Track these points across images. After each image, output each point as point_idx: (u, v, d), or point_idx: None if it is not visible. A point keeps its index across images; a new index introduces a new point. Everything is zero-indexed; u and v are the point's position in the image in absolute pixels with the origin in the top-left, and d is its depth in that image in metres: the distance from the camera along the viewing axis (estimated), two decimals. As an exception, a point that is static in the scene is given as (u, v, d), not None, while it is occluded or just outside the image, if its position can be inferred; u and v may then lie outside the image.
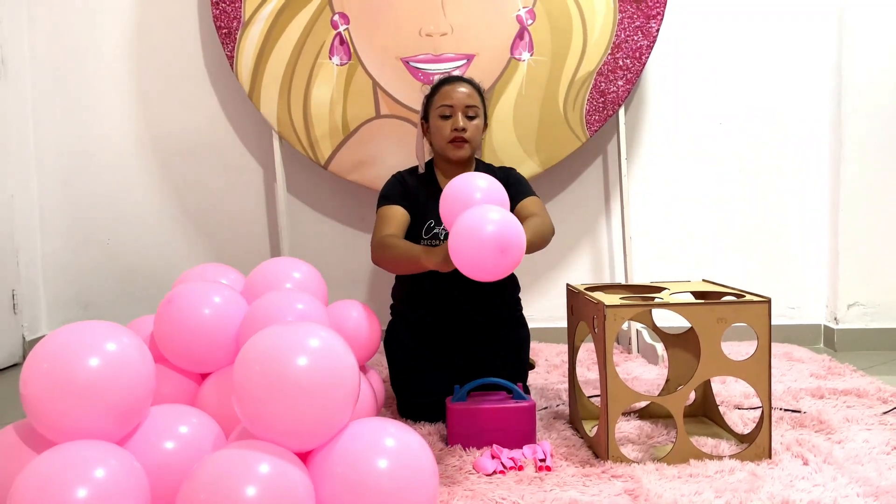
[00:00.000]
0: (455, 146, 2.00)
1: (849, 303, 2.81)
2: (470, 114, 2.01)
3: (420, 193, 2.06)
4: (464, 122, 1.99)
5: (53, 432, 1.21)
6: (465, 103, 2.00)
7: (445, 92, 2.02)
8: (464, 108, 2.00)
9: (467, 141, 2.00)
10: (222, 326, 1.63)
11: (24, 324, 2.88)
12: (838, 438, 1.76)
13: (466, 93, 2.01)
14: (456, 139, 1.99)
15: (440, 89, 2.04)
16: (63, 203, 2.99)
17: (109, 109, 2.95)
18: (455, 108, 2.00)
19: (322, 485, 1.19)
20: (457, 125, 1.99)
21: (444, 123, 2.01)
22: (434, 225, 2.04)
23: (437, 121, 2.02)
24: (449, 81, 2.05)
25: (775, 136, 2.87)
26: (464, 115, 2.00)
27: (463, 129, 1.99)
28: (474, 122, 2.01)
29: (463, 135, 1.99)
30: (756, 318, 1.65)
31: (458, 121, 1.99)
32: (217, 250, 2.98)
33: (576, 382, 1.92)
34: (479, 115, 2.03)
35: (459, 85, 2.02)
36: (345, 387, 1.22)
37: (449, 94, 2.01)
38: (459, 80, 2.05)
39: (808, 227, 2.89)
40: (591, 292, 1.82)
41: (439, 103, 2.02)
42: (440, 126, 2.02)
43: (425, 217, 2.04)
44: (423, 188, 2.07)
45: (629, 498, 1.46)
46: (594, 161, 2.91)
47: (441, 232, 2.03)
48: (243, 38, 2.68)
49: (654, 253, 2.90)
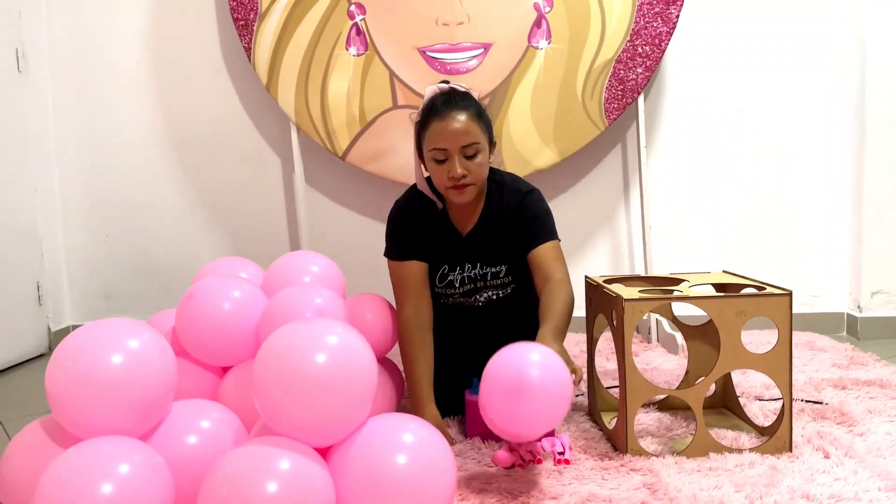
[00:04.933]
0: (457, 192, 1.72)
1: (872, 291, 2.77)
2: (469, 153, 1.68)
3: (431, 235, 1.84)
4: (462, 167, 1.68)
5: (78, 428, 1.24)
6: (460, 144, 1.67)
7: (436, 131, 1.68)
8: (460, 149, 1.68)
9: (470, 184, 1.72)
10: (242, 321, 1.64)
11: (48, 315, 2.93)
12: (860, 431, 1.75)
13: (461, 129, 1.66)
14: (456, 186, 1.72)
15: (430, 124, 1.70)
16: (84, 195, 3.02)
17: (128, 102, 2.97)
18: (450, 152, 1.68)
19: (341, 480, 1.20)
20: (454, 173, 1.68)
21: (440, 168, 1.70)
22: (448, 271, 1.86)
23: (432, 163, 1.72)
24: (439, 113, 1.69)
25: (797, 122, 2.83)
26: (462, 155, 1.68)
27: (463, 175, 1.69)
28: (476, 161, 1.69)
29: (464, 181, 1.70)
30: (777, 311, 1.63)
31: (455, 168, 1.68)
32: (236, 241, 3.00)
33: (594, 375, 1.92)
34: (482, 146, 1.70)
35: (452, 119, 1.67)
36: (363, 383, 1.23)
37: (440, 136, 1.67)
38: (452, 108, 1.68)
39: (830, 214, 2.85)
40: (609, 285, 1.81)
41: (430, 145, 1.70)
42: (436, 170, 1.72)
43: (439, 262, 1.86)
44: (436, 229, 1.83)
45: (648, 492, 1.46)
46: (613, 150, 2.89)
47: (455, 279, 1.86)
48: (260, 30, 2.68)
49: (674, 242, 2.88)
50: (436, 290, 1.91)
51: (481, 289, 1.89)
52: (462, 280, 1.88)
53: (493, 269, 1.87)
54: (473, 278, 1.88)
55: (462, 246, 1.86)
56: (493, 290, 1.90)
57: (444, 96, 1.72)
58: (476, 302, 1.92)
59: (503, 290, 1.91)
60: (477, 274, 1.87)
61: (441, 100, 1.72)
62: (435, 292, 1.91)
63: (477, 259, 1.86)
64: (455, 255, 1.86)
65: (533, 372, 1.37)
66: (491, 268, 1.87)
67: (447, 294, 1.90)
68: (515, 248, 1.82)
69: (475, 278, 1.88)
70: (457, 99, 1.71)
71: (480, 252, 1.86)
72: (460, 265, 1.87)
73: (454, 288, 1.89)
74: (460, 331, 1.92)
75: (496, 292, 1.91)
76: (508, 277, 1.89)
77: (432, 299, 1.89)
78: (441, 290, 1.90)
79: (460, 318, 1.93)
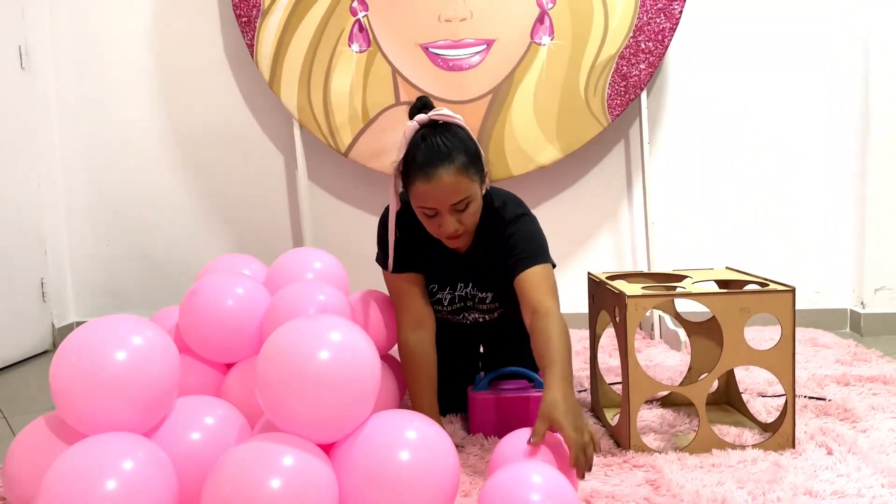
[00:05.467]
0: (450, 241, 1.63)
1: (876, 287, 2.77)
2: (460, 207, 1.55)
3: (426, 249, 1.73)
4: (454, 224, 1.56)
5: (82, 425, 1.24)
6: (449, 203, 1.53)
7: (422, 192, 1.53)
8: (449, 207, 1.54)
9: (464, 233, 1.62)
10: (245, 317, 1.65)
11: (52, 311, 2.94)
12: (863, 427, 1.75)
13: (450, 189, 1.52)
14: (449, 237, 1.61)
15: (414, 181, 1.53)
16: (88, 192, 3.03)
17: (131, 99, 2.98)
18: (439, 210, 1.55)
19: (345, 476, 1.20)
20: (446, 230, 1.57)
21: (430, 222, 1.59)
22: (437, 290, 1.79)
23: (422, 216, 1.60)
24: (423, 171, 1.51)
25: (799, 118, 2.82)
26: (453, 210, 1.56)
27: (455, 230, 1.58)
28: (469, 211, 1.57)
29: (456, 234, 1.59)
30: (780, 308, 1.63)
31: (447, 225, 1.56)
32: (240, 237, 3.00)
33: (597, 371, 1.92)
34: (473, 195, 1.56)
35: (437, 179, 1.50)
36: (366, 380, 1.23)
37: (427, 197, 1.53)
38: (436, 164, 1.50)
39: (834, 210, 2.85)
40: (612, 281, 1.81)
41: (418, 203, 1.56)
42: (427, 221, 1.60)
43: (431, 279, 1.79)
44: (430, 245, 1.71)
45: (650, 488, 1.46)
46: (616, 146, 2.88)
47: (444, 298, 1.80)
48: (263, 27, 2.68)
49: (677, 238, 2.88)
50: None
51: (469, 308, 1.85)
52: (451, 299, 1.82)
53: (480, 294, 1.81)
54: (463, 297, 1.82)
55: (459, 264, 1.77)
56: (481, 314, 1.86)
57: (426, 144, 1.53)
58: (464, 320, 1.88)
59: (490, 315, 1.87)
60: (467, 293, 1.81)
61: (424, 151, 1.52)
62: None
63: (470, 279, 1.79)
64: (449, 274, 1.79)
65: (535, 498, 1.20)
66: (479, 292, 1.81)
67: (434, 309, 1.81)
68: (503, 275, 1.70)
69: (465, 297, 1.82)
70: (440, 147, 1.52)
71: (476, 272, 1.78)
72: (451, 284, 1.80)
73: (442, 305, 1.82)
74: (448, 347, 1.86)
75: (484, 315, 1.87)
76: (496, 304, 1.83)
77: None
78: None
79: (448, 331, 1.89)
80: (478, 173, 1.57)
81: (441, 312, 1.85)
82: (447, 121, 1.56)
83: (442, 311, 1.85)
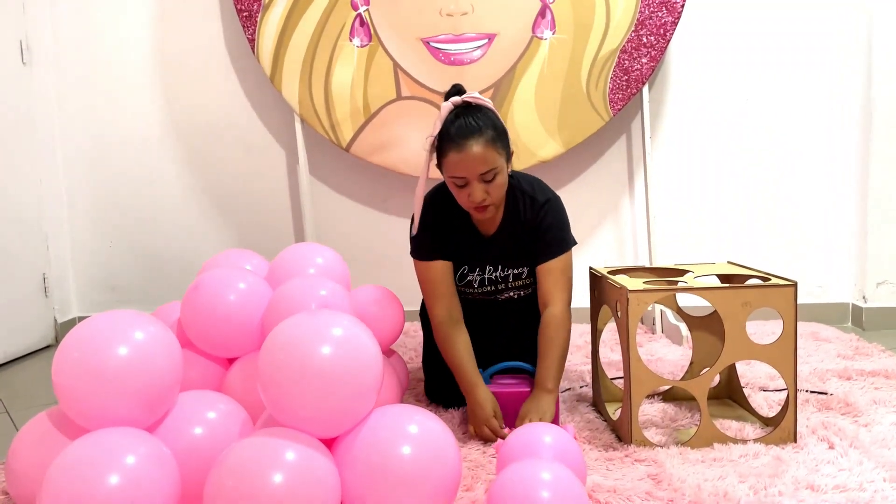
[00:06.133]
0: (478, 212, 1.75)
1: (878, 281, 2.77)
2: (488, 178, 1.69)
3: (457, 234, 1.86)
4: (482, 193, 1.69)
5: (85, 420, 1.24)
6: (478, 172, 1.67)
7: (454, 162, 1.68)
8: (479, 176, 1.68)
9: (490, 205, 1.74)
10: (247, 312, 1.65)
11: (55, 306, 2.94)
12: (865, 421, 1.75)
13: (479, 159, 1.66)
14: (477, 207, 1.74)
15: (447, 152, 1.69)
16: (90, 187, 3.03)
17: (132, 94, 2.97)
18: (469, 179, 1.69)
19: (347, 471, 1.21)
20: (474, 199, 1.70)
21: (460, 192, 1.72)
22: (468, 272, 1.89)
23: (452, 186, 1.74)
24: (455, 143, 1.67)
25: (802, 112, 2.81)
26: (482, 180, 1.69)
27: (482, 200, 1.71)
28: (496, 182, 1.70)
29: (484, 203, 1.71)
30: (782, 302, 1.63)
31: (475, 194, 1.69)
32: (241, 232, 3.01)
33: (599, 365, 1.93)
34: (500, 168, 1.70)
35: (468, 149, 1.65)
36: (368, 375, 1.23)
37: (458, 166, 1.68)
38: (468, 136, 1.66)
39: (836, 204, 2.84)
40: (613, 276, 1.81)
41: (449, 172, 1.71)
42: (457, 192, 1.74)
43: (461, 262, 1.89)
44: (462, 228, 1.85)
45: (652, 482, 1.46)
46: (617, 140, 2.88)
47: (475, 280, 1.89)
48: (264, 21, 2.67)
49: (679, 233, 2.88)
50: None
51: (502, 290, 1.91)
52: (482, 281, 1.89)
53: (515, 271, 1.89)
54: (494, 280, 1.89)
55: (485, 248, 1.87)
56: (515, 291, 1.92)
57: (459, 121, 1.69)
58: (496, 299, 1.93)
59: (524, 291, 1.93)
60: (498, 276, 1.89)
61: (456, 126, 1.68)
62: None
63: (499, 262, 1.88)
64: (477, 257, 1.88)
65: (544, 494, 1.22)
66: (513, 269, 1.89)
67: (465, 292, 1.91)
68: (533, 255, 1.86)
69: (496, 280, 1.89)
70: (472, 122, 1.68)
71: (503, 254, 1.87)
72: (481, 267, 1.89)
73: (473, 288, 1.91)
74: (477, 323, 1.91)
75: (517, 293, 1.92)
76: (530, 279, 1.90)
77: None
78: (460, 289, 1.91)
79: (478, 312, 1.93)
80: (504, 149, 1.72)
81: (472, 294, 1.92)
82: (478, 103, 1.73)
83: (473, 292, 1.91)
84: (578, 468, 1.35)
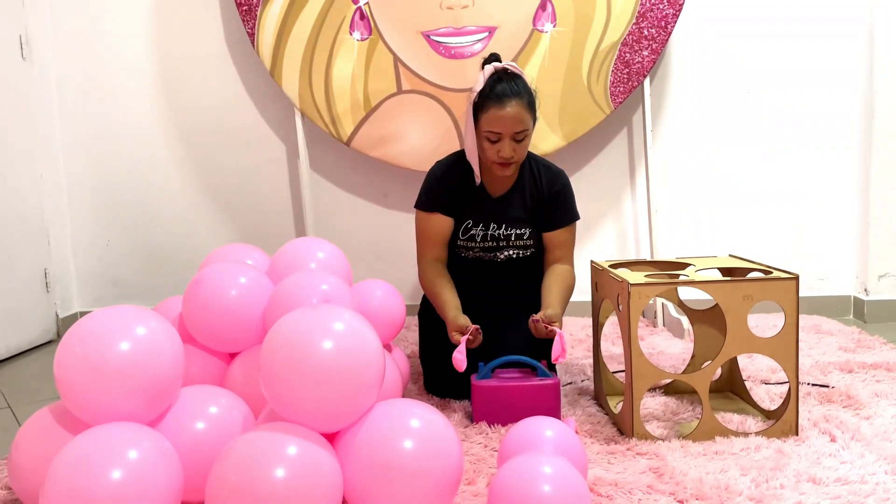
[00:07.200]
0: (501, 167, 1.91)
1: (880, 273, 2.77)
2: (519, 137, 1.87)
3: (463, 195, 2.00)
4: (511, 150, 1.87)
5: (87, 415, 1.24)
6: (513, 130, 1.85)
7: (492, 117, 1.85)
8: (512, 134, 1.86)
9: (515, 162, 1.92)
10: (248, 307, 1.65)
11: (56, 301, 2.94)
12: (867, 414, 1.75)
13: (516, 118, 1.84)
14: (503, 163, 1.90)
15: (488, 108, 1.86)
16: (90, 182, 3.03)
17: (133, 89, 2.97)
18: (503, 135, 1.86)
19: (349, 465, 1.21)
20: (504, 154, 1.87)
21: (491, 147, 1.89)
22: (472, 226, 2.00)
23: (484, 140, 1.90)
24: (497, 99, 1.85)
25: (804, 105, 2.81)
26: (512, 139, 1.87)
27: (510, 156, 1.88)
28: (523, 143, 1.89)
29: (510, 160, 1.89)
30: (783, 295, 1.63)
31: (505, 149, 1.87)
32: (242, 226, 3.00)
33: (600, 359, 1.93)
34: (529, 130, 1.89)
35: (508, 107, 1.84)
36: (370, 369, 1.23)
37: (496, 121, 1.85)
38: (509, 96, 1.85)
39: (837, 197, 2.84)
40: (615, 270, 1.81)
41: (486, 127, 1.87)
42: (486, 147, 1.90)
43: (464, 217, 2.00)
44: (469, 189, 2.00)
45: (654, 475, 1.47)
46: (619, 133, 2.87)
47: (478, 234, 2.00)
48: (264, 15, 2.67)
49: (680, 226, 2.88)
50: (457, 243, 2.02)
51: (503, 248, 2.01)
52: (484, 236, 2.00)
53: (517, 231, 2.00)
54: (496, 237, 2.00)
55: (491, 206, 1.99)
56: (515, 250, 2.01)
57: (501, 81, 1.87)
58: (496, 258, 2.02)
59: (524, 251, 2.02)
60: (501, 234, 2.00)
61: (500, 86, 1.86)
62: (456, 244, 2.02)
63: (503, 221, 1.99)
64: (482, 213, 2.00)
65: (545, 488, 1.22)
66: (516, 230, 2.00)
67: (468, 247, 2.01)
68: (539, 220, 2.01)
69: (498, 237, 2.00)
70: (514, 86, 1.86)
71: (507, 214, 1.99)
72: (484, 223, 2.00)
73: (475, 242, 2.01)
74: (476, 286, 2.00)
75: (518, 252, 2.01)
76: (531, 240, 2.01)
77: (453, 253, 2.04)
78: (462, 243, 2.01)
79: (478, 272, 2.02)
80: (534, 116, 1.90)
81: (474, 250, 2.02)
82: (515, 72, 1.90)
83: (474, 248, 2.02)
84: (580, 462, 1.35)
